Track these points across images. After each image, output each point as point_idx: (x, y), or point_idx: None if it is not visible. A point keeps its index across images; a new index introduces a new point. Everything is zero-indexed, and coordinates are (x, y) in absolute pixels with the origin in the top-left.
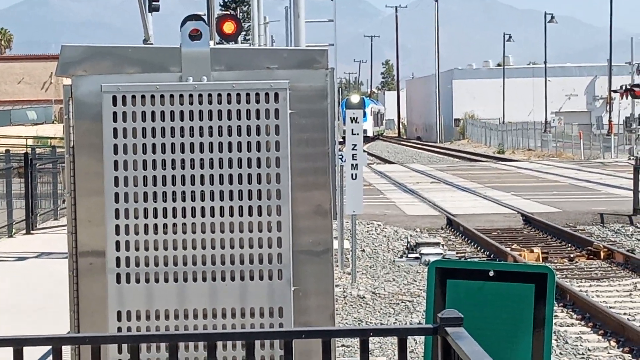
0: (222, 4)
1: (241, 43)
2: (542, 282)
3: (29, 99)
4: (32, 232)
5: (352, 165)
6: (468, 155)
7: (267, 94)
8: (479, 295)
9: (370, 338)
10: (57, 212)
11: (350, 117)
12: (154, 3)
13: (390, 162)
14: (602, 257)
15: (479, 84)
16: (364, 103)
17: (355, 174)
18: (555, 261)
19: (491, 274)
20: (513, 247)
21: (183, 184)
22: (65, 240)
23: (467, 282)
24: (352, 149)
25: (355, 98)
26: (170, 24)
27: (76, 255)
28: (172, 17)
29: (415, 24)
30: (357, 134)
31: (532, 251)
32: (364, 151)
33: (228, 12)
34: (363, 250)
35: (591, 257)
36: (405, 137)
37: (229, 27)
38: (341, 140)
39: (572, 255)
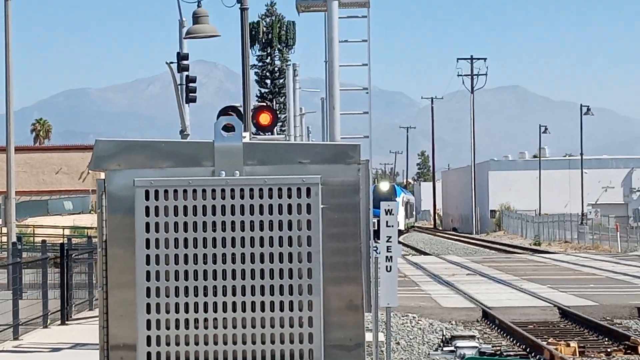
0: (258, 95)
1: (277, 134)
2: None
3: (67, 189)
4: (67, 322)
5: (387, 257)
6: (504, 247)
7: (299, 189)
8: None
9: None
10: (92, 303)
11: (385, 210)
12: (191, 94)
13: (425, 254)
14: (639, 351)
15: (515, 176)
16: (395, 191)
17: (390, 266)
18: (592, 355)
19: None
20: (549, 341)
21: (215, 278)
22: None
23: None
24: (387, 241)
25: (384, 185)
26: (207, 115)
27: (107, 350)
28: (209, 108)
29: (451, 115)
30: (392, 226)
31: (568, 345)
32: (399, 242)
33: (264, 104)
34: (398, 343)
35: (628, 351)
36: (441, 227)
37: (264, 119)
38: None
39: (609, 350)
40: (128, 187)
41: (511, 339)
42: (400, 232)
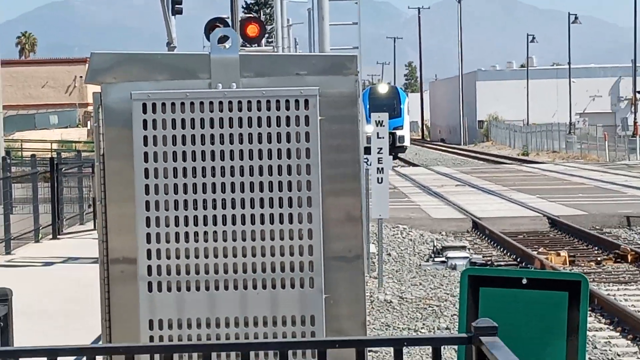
0: (244, 6)
1: (264, 45)
2: (575, 289)
3: (53, 103)
4: (58, 237)
5: (378, 169)
6: (492, 158)
7: (297, 101)
8: (512, 303)
9: None
10: (83, 217)
11: (376, 120)
12: (177, 6)
13: (414, 165)
14: (629, 260)
15: (502, 86)
16: (398, 95)
17: (381, 178)
18: (582, 265)
19: (524, 281)
20: (539, 250)
21: (213, 191)
22: (91, 245)
23: (500, 289)
24: (378, 153)
25: (382, 87)
26: (193, 26)
27: (107, 264)
28: (195, 20)
29: (438, 25)
30: (383, 137)
31: (558, 254)
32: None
33: (251, 15)
34: (389, 254)
35: (618, 260)
36: (429, 139)
37: (252, 30)
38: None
39: (599, 259)
40: (125, 101)
41: (501, 249)
42: (403, 149)
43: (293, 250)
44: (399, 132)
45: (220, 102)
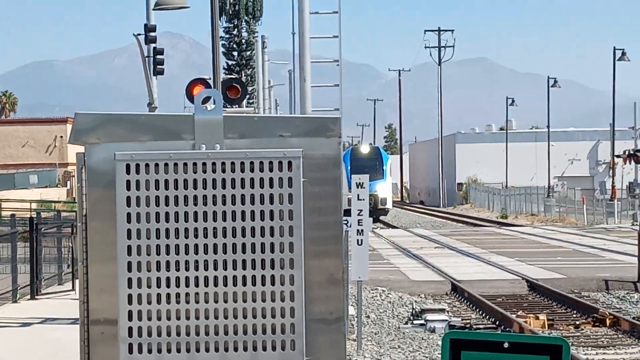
0: (225, 67)
1: (245, 106)
2: (557, 353)
3: (33, 163)
4: (36, 297)
5: (358, 230)
6: (471, 220)
7: (280, 163)
8: None
9: None
10: (61, 277)
11: (356, 183)
12: (158, 67)
13: (393, 227)
14: (607, 324)
15: (482, 148)
16: (380, 155)
17: (361, 240)
18: (561, 328)
19: (506, 345)
20: (518, 313)
21: (196, 252)
22: (70, 305)
23: (481, 353)
24: (358, 215)
25: (365, 148)
26: (174, 87)
27: (87, 325)
28: (176, 80)
29: (418, 88)
30: (363, 199)
31: (537, 318)
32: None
33: (233, 76)
34: (368, 317)
35: (597, 324)
36: (408, 200)
37: (233, 91)
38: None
39: (577, 322)
40: (108, 161)
41: (480, 312)
42: (385, 212)
43: (275, 312)
44: (380, 195)
45: (204, 164)
